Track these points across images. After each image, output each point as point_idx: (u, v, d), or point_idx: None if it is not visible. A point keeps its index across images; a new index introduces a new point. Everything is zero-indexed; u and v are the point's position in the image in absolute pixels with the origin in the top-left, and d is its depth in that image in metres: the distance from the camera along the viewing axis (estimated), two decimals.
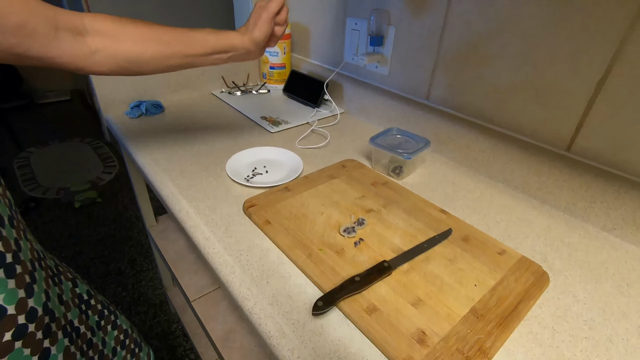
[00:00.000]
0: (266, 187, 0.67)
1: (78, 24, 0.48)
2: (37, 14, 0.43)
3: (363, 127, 0.96)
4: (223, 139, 0.86)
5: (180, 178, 0.70)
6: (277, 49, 1.10)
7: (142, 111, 0.94)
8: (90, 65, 0.51)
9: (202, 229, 0.58)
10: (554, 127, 0.64)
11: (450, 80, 0.78)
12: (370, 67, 0.94)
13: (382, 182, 0.70)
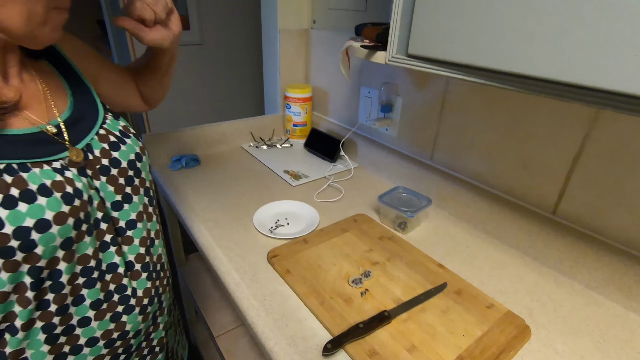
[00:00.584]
0: (287, 238, 0.78)
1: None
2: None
3: (375, 181, 1.07)
4: (251, 191, 0.98)
5: (215, 228, 0.83)
6: (300, 109, 1.26)
7: (182, 164, 1.09)
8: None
9: (233, 275, 0.69)
10: (540, 192, 0.73)
11: (451, 145, 0.89)
12: (381, 130, 1.07)
13: (388, 237, 0.79)
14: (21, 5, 0.37)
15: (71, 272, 0.46)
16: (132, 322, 0.54)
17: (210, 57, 2.21)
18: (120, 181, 0.52)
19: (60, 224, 0.42)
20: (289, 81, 1.33)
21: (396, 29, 0.58)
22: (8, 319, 0.43)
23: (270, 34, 1.27)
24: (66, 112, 0.49)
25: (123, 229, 0.53)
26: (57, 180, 0.43)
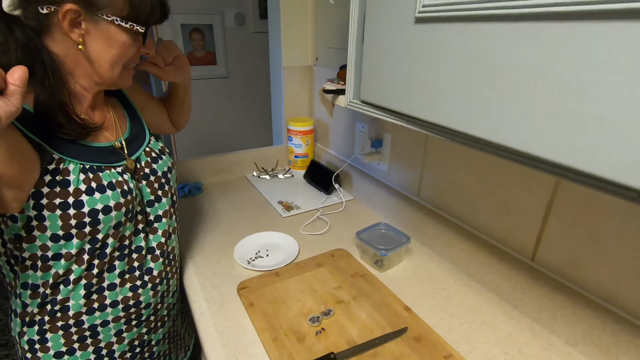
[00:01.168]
0: (261, 270, 0.80)
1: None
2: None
3: (365, 215, 1.07)
4: (242, 220, 1.03)
5: (198, 255, 0.87)
6: (301, 142, 1.30)
7: (185, 192, 1.16)
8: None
9: (201, 304, 0.72)
10: (519, 236, 0.70)
11: (435, 183, 0.88)
12: (373, 164, 1.08)
13: (362, 274, 0.79)
14: (109, 67, 0.56)
15: (113, 247, 0.60)
16: (145, 295, 0.66)
17: (235, 89, 2.36)
18: (155, 186, 0.68)
19: (117, 211, 0.58)
20: (293, 114, 1.38)
21: (352, 77, 0.60)
22: (67, 274, 0.57)
23: (275, 70, 1.35)
24: (126, 133, 0.67)
25: (151, 221, 0.68)
26: (119, 180, 0.59)
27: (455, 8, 0.38)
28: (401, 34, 0.47)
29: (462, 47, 0.39)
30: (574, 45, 0.29)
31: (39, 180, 0.52)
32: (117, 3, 0.52)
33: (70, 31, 0.51)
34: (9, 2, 0.47)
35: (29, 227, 0.53)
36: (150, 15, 0.55)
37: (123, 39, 0.54)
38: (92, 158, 0.58)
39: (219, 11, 2.13)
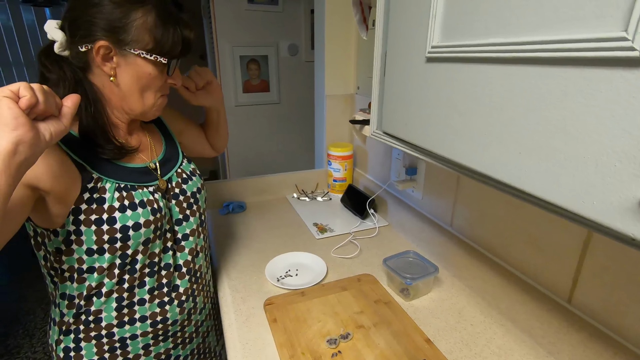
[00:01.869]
0: (288, 289, 0.84)
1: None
2: None
3: (398, 241, 1.07)
4: (277, 239, 1.08)
5: (233, 270, 0.93)
6: (339, 166, 1.34)
7: (229, 210, 1.25)
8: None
9: (230, 315, 0.77)
10: (554, 275, 0.66)
11: (467, 213, 0.86)
12: (408, 191, 1.08)
13: (385, 301, 0.79)
14: (139, 97, 0.62)
15: (143, 263, 0.64)
16: (172, 312, 0.70)
17: (286, 114, 2.50)
18: (184, 205, 0.72)
19: (146, 227, 0.62)
20: (334, 139, 1.44)
21: (375, 109, 0.64)
22: (99, 287, 0.62)
23: (319, 98, 1.43)
24: (161, 155, 0.73)
25: (179, 239, 0.72)
26: (149, 198, 0.64)
27: (458, 50, 0.41)
28: (414, 71, 0.50)
29: (464, 86, 0.41)
30: (556, 88, 0.30)
31: (79, 197, 0.57)
32: (143, 38, 0.57)
33: (103, 65, 0.58)
34: (59, 45, 0.57)
35: (68, 241, 0.58)
36: (173, 49, 0.60)
37: (149, 70, 0.60)
38: (127, 178, 0.63)
39: (274, 43, 2.30)
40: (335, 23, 1.29)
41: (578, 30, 0.27)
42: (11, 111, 0.39)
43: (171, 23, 0.59)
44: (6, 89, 0.40)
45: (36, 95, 0.42)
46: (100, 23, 0.56)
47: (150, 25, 0.57)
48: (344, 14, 1.29)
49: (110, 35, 0.56)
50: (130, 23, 0.56)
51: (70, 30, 0.57)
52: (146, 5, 0.57)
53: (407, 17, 0.51)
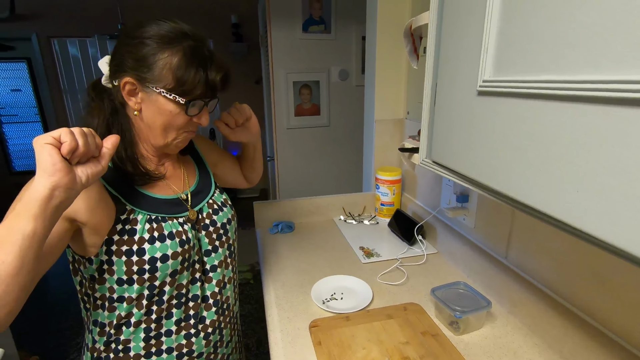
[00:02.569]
0: (334, 312, 0.85)
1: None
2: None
3: (447, 270, 1.03)
4: (323, 261, 1.10)
5: (280, 288, 0.96)
6: (387, 190, 1.34)
7: (279, 230, 1.30)
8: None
9: (276, 333, 0.79)
10: (626, 321, 0.60)
11: (524, 245, 0.81)
12: (459, 219, 1.05)
13: (433, 334, 0.76)
14: (162, 132, 0.64)
15: (171, 294, 0.66)
16: (198, 344, 0.71)
17: (335, 137, 2.56)
18: (214, 236, 0.74)
19: (174, 259, 0.64)
20: (383, 163, 1.44)
21: (425, 137, 0.65)
22: (128, 316, 0.64)
23: (369, 122, 1.45)
24: (193, 186, 0.75)
25: (207, 270, 0.73)
26: (179, 230, 0.66)
27: (510, 85, 0.41)
28: (465, 103, 0.50)
29: (517, 120, 0.40)
30: (614, 127, 0.29)
31: (112, 228, 0.59)
32: (165, 77, 0.58)
33: (129, 99, 0.61)
34: (104, 78, 0.64)
35: (101, 270, 0.61)
36: (194, 90, 0.60)
37: (170, 108, 0.60)
38: (158, 209, 0.65)
39: (326, 69, 2.39)
40: (386, 49, 1.33)
41: (637, 71, 0.27)
42: (51, 158, 0.42)
43: (197, 65, 0.59)
44: (48, 135, 0.43)
45: (76, 139, 0.44)
46: (129, 60, 0.59)
47: (174, 66, 0.58)
48: (395, 40, 1.32)
49: (135, 72, 0.59)
50: (155, 62, 0.58)
51: (109, 65, 0.62)
52: (175, 47, 0.58)
53: (458, 50, 0.52)
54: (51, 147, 0.43)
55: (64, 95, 3.90)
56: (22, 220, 0.42)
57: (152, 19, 0.61)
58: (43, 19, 3.60)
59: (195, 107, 0.63)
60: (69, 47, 3.78)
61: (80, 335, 2.08)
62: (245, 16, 3.92)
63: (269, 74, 2.39)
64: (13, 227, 0.42)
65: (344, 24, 2.34)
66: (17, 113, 3.94)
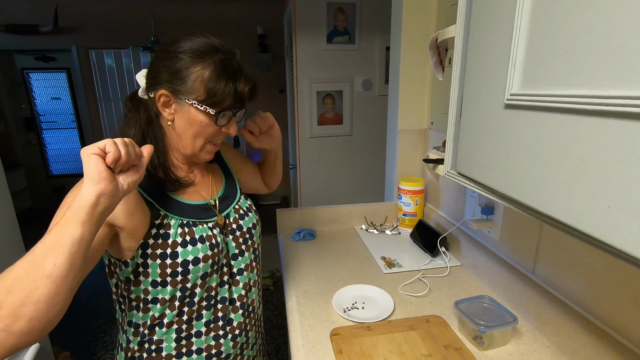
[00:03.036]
0: (355, 321, 0.85)
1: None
2: None
3: (472, 284, 1.01)
4: (344, 269, 1.10)
5: (303, 296, 0.97)
6: (410, 201, 1.33)
7: (301, 237, 1.32)
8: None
9: (297, 340, 0.80)
10: None
11: (552, 260, 0.79)
12: (484, 231, 1.03)
13: (456, 347, 0.75)
14: (191, 141, 0.67)
15: (201, 296, 0.68)
16: (225, 346, 0.73)
17: (357, 146, 2.57)
18: (240, 240, 0.76)
19: (205, 262, 0.66)
20: (405, 173, 1.44)
21: (450, 149, 0.65)
22: (161, 317, 0.67)
23: (392, 132, 1.46)
24: (221, 192, 0.79)
25: (234, 273, 0.75)
26: (208, 234, 0.69)
27: (539, 99, 0.41)
28: (492, 116, 0.50)
29: (546, 134, 0.40)
30: None
31: (147, 232, 0.62)
32: (197, 89, 0.61)
33: (163, 110, 0.64)
34: (141, 90, 0.68)
35: (136, 272, 0.63)
36: (223, 101, 0.63)
37: (201, 119, 0.63)
38: (189, 214, 0.68)
39: (349, 79, 2.42)
40: (410, 59, 1.33)
41: None
42: (97, 167, 0.45)
43: (227, 78, 0.62)
44: (94, 146, 0.46)
45: (119, 149, 0.47)
46: (164, 73, 0.62)
47: (206, 78, 0.61)
48: (419, 50, 1.32)
49: (169, 85, 0.62)
50: (188, 75, 0.61)
51: (146, 78, 0.66)
52: (207, 61, 0.62)
53: (485, 63, 0.52)
54: (97, 157, 0.46)
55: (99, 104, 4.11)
56: (71, 226, 0.45)
57: (185, 34, 0.65)
58: (82, 32, 3.82)
59: (225, 117, 0.66)
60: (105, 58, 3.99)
61: (108, 334, 2.16)
62: (270, 28, 4.02)
63: (293, 83, 2.44)
64: (63, 233, 0.45)
65: (367, 35, 2.36)
66: (56, 120, 4.18)
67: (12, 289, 0.43)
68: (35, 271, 0.43)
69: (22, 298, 0.43)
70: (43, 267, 0.43)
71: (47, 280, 0.43)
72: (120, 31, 3.86)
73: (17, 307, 0.43)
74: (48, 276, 0.43)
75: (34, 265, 0.44)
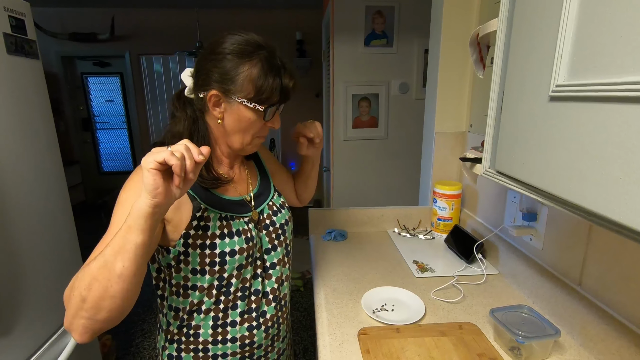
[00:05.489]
0: (383, 323, 0.83)
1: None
2: None
3: (509, 293, 0.96)
4: (375, 271, 1.09)
5: (331, 294, 0.97)
6: (446, 205, 1.29)
7: (331, 237, 1.32)
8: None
9: (325, 337, 0.80)
10: None
11: (602, 272, 0.73)
12: (525, 238, 0.98)
13: (490, 357, 0.71)
14: (239, 137, 0.70)
15: (236, 287, 0.71)
16: (258, 336, 0.75)
17: (393, 150, 2.53)
18: (273, 235, 0.78)
19: (240, 254, 0.69)
20: (441, 177, 1.40)
21: (489, 147, 0.62)
22: (200, 304, 0.70)
23: (428, 135, 1.42)
24: (256, 189, 0.81)
25: (267, 267, 0.78)
26: (244, 228, 0.71)
27: (587, 89, 0.38)
28: (535, 110, 0.48)
29: (595, 126, 0.38)
30: None
31: (189, 224, 0.65)
32: (246, 88, 0.64)
33: (214, 109, 0.66)
34: (188, 90, 0.70)
35: (178, 260, 0.67)
36: (271, 97, 0.66)
37: (249, 116, 0.66)
38: (227, 209, 0.71)
39: (385, 82, 2.40)
40: (449, 60, 1.30)
41: None
42: (154, 182, 0.48)
43: (273, 74, 0.65)
44: (153, 160, 0.47)
45: (180, 162, 0.48)
46: (214, 75, 0.65)
47: (254, 76, 0.64)
48: (459, 51, 1.29)
49: (220, 85, 0.64)
50: (238, 75, 0.64)
51: (195, 79, 0.68)
52: (253, 59, 0.64)
53: (529, 56, 0.50)
54: (155, 172, 0.48)
55: (147, 106, 4.38)
56: (133, 233, 0.50)
57: (227, 32, 0.67)
58: (135, 39, 4.10)
59: (270, 112, 0.68)
60: (154, 63, 4.25)
61: (146, 322, 2.27)
62: (308, 33, 4.09)
63: (330, 86, 2.46)
64: (128, 239, 0.50)
65: (406, 38, 2.33)
66: (109, 120, 4.50)
67: (91, 286, 0.51)
68: (108, 272, 0.51)
69: (100, 294, 0.51)
70: (114, 268, 0.50)
71: (118, 279, 0.51)
72: (168, 38, 4.10)
73: (98, 301, 0.51)
74: (119, 276, 0.51)
75: (107, 267, 0.51)
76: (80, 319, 0.52)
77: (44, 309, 1.19)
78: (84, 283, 0.51)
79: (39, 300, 1.18)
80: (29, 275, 1.13)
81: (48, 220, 1.25)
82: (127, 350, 2.02)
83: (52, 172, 1.30)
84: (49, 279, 1.22)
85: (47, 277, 1.21)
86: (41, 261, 1.19)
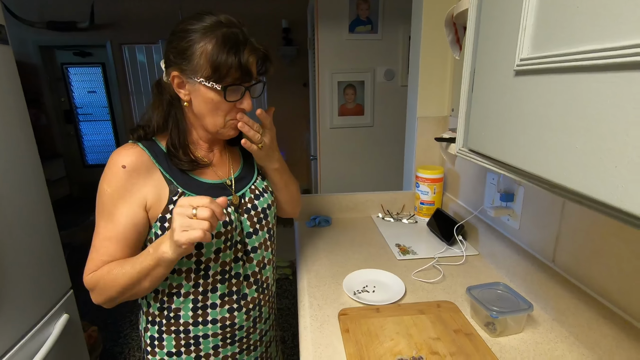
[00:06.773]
0: (364, 303, 0.84)
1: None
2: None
3: (488, 273, 0.98)
4: (358, 255, 1.10)
5: (314, 278, 0.98)
6: (428, 189, 1.30)
7: (316, 223, 1.32)
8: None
9: (306, 319, 0.81)
10: None
11: (575, 248, 0.75)
12: (503, 219, 0.99)
13: (466, 332, 0.73)
14: (211, 120, 0.68)
15: (215, 270, 0.71)
16: (239, 318, 0.76)
17: (378, 137, 2.54)
18: (255, 219, 0.78)
19: (218, 238, 0.69)
20: (424, 162, 1.41)
21: (462, 126, 0.63)
22: (179, 287, 0.71)
23: (411, 119, 1.43)
24: (237, 173, 0.80)
25: (248, 251, 0.77)
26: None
27: (548, 60, 0.39)
28: (502, 86, 0.48)
29: (556, 98, 0.38)
30: None
31: (165, 207, 0.66)
32: (203, 66, 0.61)
33: (179, 91, 0.66)
34: (164, 74, 0.69)
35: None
36: (228, 75, 0.62)
37: (211, 96, 0.64)
38: (205, 192, 0.69)
39: (371, 69, 2.39)
40: (431, 44, 1.30)
41: None
42: (187, 250, 0.58)
43: (228, 50, 0.61)
44: (187, 240, 0.55)
45: (210, 232, 0.56)
46: (171, 55, 0.64)
47: (209, 53, 0.61)
48: (441, 34, 1.28)
49: (178, 65, 0.64)
50: (193, 53, 0.62)
51: (164, 62, 0.69)
52: (209, 36, 0.61)
53: (496, 32, 0.50)
54: (189, 233, 0.55)
55: (131, 97, 4.29)
56: (161, 268, 0.62)
57: (194, 13, 0.65)
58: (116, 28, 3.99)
59: (236, 92, 0.66)
60: (137, 53, 4.15)
61: (135, 314, 2.26)
62: (295, 21, 4.03)
63: (315, 74, 2.44)
64: (156, 271, 0.62)
65: (391, 24, 2.32)
66: (92, 112, 4.40)
67: (124, 292, 0.64)
68: (137, 285, 0.64)
69: (131, 295, 0.66)
70: (141, 285, 0.64)
71: (144, 290, 0.66)
72: (151, 27, 3.99)
73: (128, 297, 0.67)
74: (146, 289, 0.65)
75: (137, 283, 0.63)
76: (107, 304, 0.68)
77: (24, 301, 1.17)
78: (118, 289, 0.64)
79: (18, 294, 1.16)
80: (7, 268, 1.11)
81: (26, 214, 1.22)
82: (116, 342, 2.02)
83: (29, 163, 1.27)
84: (28, 271, 1.21)
85: (25, 270, 1.20)
86: (20, 255, 1.17)
